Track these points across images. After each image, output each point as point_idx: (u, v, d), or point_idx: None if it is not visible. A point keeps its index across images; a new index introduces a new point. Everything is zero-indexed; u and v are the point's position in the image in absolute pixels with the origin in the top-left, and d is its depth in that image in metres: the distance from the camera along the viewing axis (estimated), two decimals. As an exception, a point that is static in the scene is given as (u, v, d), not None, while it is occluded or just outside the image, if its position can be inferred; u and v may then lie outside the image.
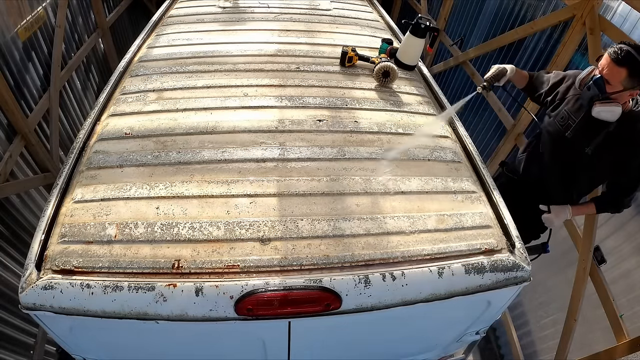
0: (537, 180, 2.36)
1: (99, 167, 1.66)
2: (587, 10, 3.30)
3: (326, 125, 1.93)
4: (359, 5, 3.34)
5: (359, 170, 1.73)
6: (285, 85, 2.17)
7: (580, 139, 2.03)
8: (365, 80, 2.30)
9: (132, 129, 1.84)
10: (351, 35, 2.78)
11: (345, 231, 1.50)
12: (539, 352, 3.90)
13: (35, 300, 1.30)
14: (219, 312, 1.33)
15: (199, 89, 2.09)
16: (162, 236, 1.42)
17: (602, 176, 2.17)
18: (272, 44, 2.54)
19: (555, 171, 2.23)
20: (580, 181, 2.22)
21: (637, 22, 3.08)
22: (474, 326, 1.84)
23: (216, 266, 1.37)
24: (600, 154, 2.00)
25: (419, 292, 1.44)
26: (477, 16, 5.30)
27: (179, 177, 1.63)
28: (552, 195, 2.33)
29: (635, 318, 2.72)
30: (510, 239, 1.57)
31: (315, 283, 1.35)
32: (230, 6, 3.03)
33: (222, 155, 1.73)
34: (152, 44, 2.53)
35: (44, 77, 3.96)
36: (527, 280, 1.53)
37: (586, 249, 2.99)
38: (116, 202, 1.52)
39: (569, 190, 2.28)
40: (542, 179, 2.33)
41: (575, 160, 2.11)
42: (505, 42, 4.58)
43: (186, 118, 1.90)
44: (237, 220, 1.49)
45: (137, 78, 2.19)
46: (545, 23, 3.93)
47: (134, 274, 1.34)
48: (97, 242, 1.40)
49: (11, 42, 3.41)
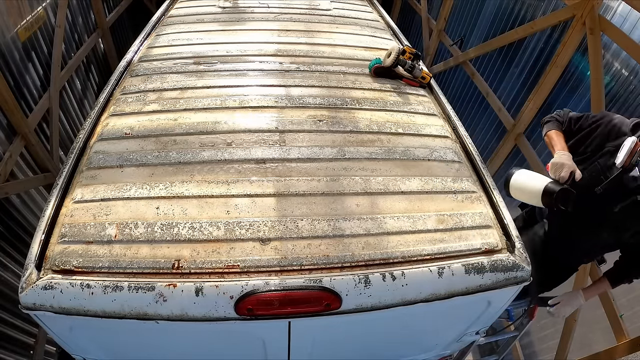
0: (560, 237, 2.16)
1: (99, 167, 1.66)
2: (587, 10, 3.30)
3: (326, 125, 1.93)
4: (359, 5, 3.34)
5: (359, 170, 1.73)
6: (285, 85, 2.16)
7: (609, 197, 1.78)
8: (365, 80, 2.30)
9: (132, 129, 1.84)
10: (351, 35, 2.78)
11: (345, 231, 1.49)
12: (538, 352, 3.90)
13: (35, 300, 1.30)
14: (219, 312, 1.33)
15: (199, 89, 2.09)
16: (162, 236, 1.42)
17: (625, 237, 1.90)
18: (272, 44, 2.54)
19: (581, 227, 2.00)
20: (605, 240, 1.98)
21: (637, 22, 3.08)
22: (474, 326, 1.84)
23: (216, 266, 1.36)
24: (627, 216, 1.78)
25: (419, 292, 1.44)
26: (477, 16, 5.30)
27: (179, 177, 1.63)
28: (574, 252, 2.15)
29: (635, 318, 2.73)
30: (510, 239, 1.57)
31: (315, 283, 1.35)
32: (230, 6, 3.03)
33: (222, 155, 1.73)
34: (152, 44, 2.53)
35: (44, 77, 3.96)
36: (527, 281, 1.53)
37: (586, 249, 2.98)
38: (116, 202, 1.52)
39: (593, 248, 2.09)
40: (566, 236, 2.12)
41: (602, 219, 1.88)
42: (505, 42, 4.59)
43: (186, 118, 1.90)
44: (237, 220, 1.49)
45: (137, 78, 2.19)
46: (545, 23, 3.93)
47: (134, 274, 1.34)
48: (97, 242, 1.40)
49: (11, 42, 3.41)
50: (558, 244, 2.18)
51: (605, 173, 1.76)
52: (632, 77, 3.15)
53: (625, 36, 3.05)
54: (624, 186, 1.71)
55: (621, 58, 3.27)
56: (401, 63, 2.30)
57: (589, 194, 1.78)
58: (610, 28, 3.17)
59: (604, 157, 1.80)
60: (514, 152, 4.39)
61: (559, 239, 2.16)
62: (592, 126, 1.86)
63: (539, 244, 2.23)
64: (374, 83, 2.27)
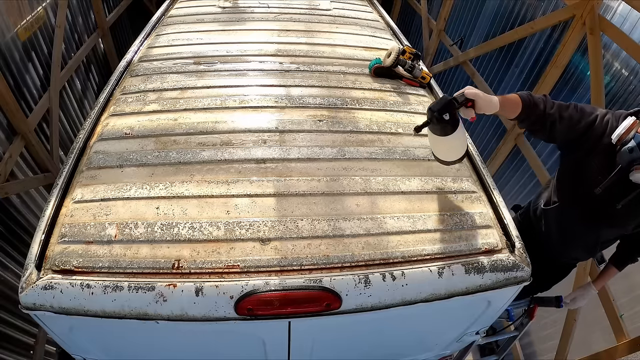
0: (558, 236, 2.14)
1: (99, 167, 1.66)
2: (587, 10, 3.30)
3: (326, 125, 1.93)
4: (359, 5, 3.34)
5: (359, 170, 1.73)
6: (285, 85, 2.16)
7: (609, 196, 1.75)
8: (365, 80, 2.30)
9: (132, 129, 1.84)
10: (351, 35, 2.78)
11: (345, 231, 1.49)
12: (539, 352, 3.90)
13: (35, 300, 1.30)
14: (219, 312, 1.33)
15: (199, 89, 2.09)
16: (162, 236, 1.42)
17: (627, 229, 1.91)
18: (272, 44, 2.54)
19: (581, 227, 1.99)
20: (606, 236, 2.01)
21: (637, 22, 3.08)
22: (474, 326, 1.84)
23: (216, 266, 1.36)
24: (630, 210, 1.76)
25: (419, 292, 1.44)
26: (477, 16, 5.30)
27: (179, 177, 1.63)
28: (574, 251, 2.17)
29: (635, 318, 2.73)
30: (510, 239, 1.57)
31: (315, 283, 1.35)
32: (230, 6, 3.03)
33: (222, 155, 1.73)
34: (152, 44, 2.53)
35: (44, 77, 3.96)
36: (527, 281, 1.53)
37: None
38: (116, 202, 1.52)
39: (593, 246, 2.09)
40: (564, 236, 2.11)
41: (602, 218, 1.87)
42: (505, 42, 4.59)
43: (186, 118, 1.90)
44: (237, 220, 1.49)
45: (137, 78, 2.19)
46: (545, 23, 3.93)
47: (134, 274, 1.34)
48: (97, 242, 1.40)
49: (11, 42, 3.41)
50: (555, 244, 2.18)
51: (604, 172, 1.72)
52: (632, 77, 3.16)
53: (625, 36, 3.05)
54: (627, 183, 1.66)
55: (621, 58, 3.27)
56: (401, 63, 2.30)
57: (589, 196, 1.77)
58: (610, 28, 3.17)
59: (600, 155, 1.74)
60: (514, 152, 4.39)
61: (557, 239, 2.16)
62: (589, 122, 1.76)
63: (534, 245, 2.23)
64: (374, 83, 2.27)
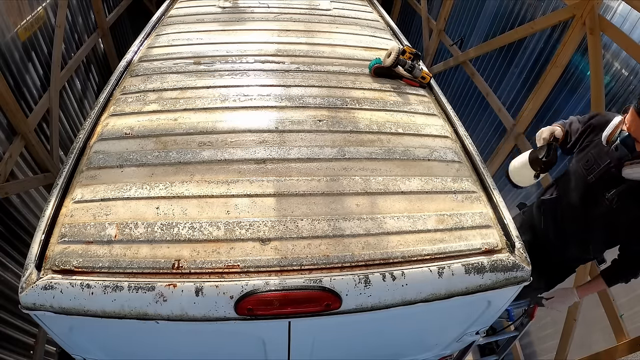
0: (555, 230, 2.18)
1: (99, 167, 1.66)
2: (587, 10, 3.31)
3: (326, 125, 1.93)
4: (359, 5, 3.34)
5: (359, 170, 1.73)
6: (285, 85, 2.16)
7: (601, 185, 1.83)
8: (365, 80, 2.30)
9: (132, 129, 1.84)
10: (351, 35, 2.78)
11: (345, 231, 1.49)
12: (538, 352, 3.90)
13: (35, 300, 1.30)
14: (219, 312, 1.33)
15: (199, 89, 2.09)
16: (162, 236, 1.42)
17: (619, 231, 1.92)
18: (272, 44, 2.54)
19: (575, 218, 2.05)
20: (598, 232, 2.01)
21: (637, 22, 3.08)
22: (474, 326, 1.84)
23: (216, 266, 1.36)
24: (621, 203, 1.80)
25: (419, 292, 1.44)
26: (477, 16, 5.30)
27: (178, 177, 1.63)
28: (568, 247, 2.17)
29: (635, 318, 2.73)
30: (510, 238, 1.57)
31: (315, 283, 1.35)
32: (230, 6, 3.03)
33: (222, 155, 1.73)
34: (152, 44, 2.53)
35: (44, 77, 3.96)
36: (527, 280, 1.53)
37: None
38: (116, 202, 1.52)
39: (586, 242, 2.09)
40: (560, 228, 2.15)
41: (594, 208, 1.90)
42: (505, 42, 4.59)
43: (186, 118, 1.90)
44: (237, 220, 1.49)
45: (137, 78, 2.19)
46: (545, 23, 3.93)
47: (134, 274, 1.34)
48: (97, 242, 1.40)
49: (11, 42, 3.41)
50: (552, 240, 2.20)
51: (598, 162, 1.85)
52: (632, 77, 3.15)
53: (625, 36, 3.05)
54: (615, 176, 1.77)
55: (621, 58, 3.26)
56: (401, 63, 2.30)
57: (583, 185, 1.88)
58: (610, 28, 3.17)
59: (596, 147, 1.88)
60: (514, 152, 4.39)
61: (553, 233, 2.18)
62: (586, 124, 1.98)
63: (537, 244, 2.23)
64: (374, 83, 2.27)
